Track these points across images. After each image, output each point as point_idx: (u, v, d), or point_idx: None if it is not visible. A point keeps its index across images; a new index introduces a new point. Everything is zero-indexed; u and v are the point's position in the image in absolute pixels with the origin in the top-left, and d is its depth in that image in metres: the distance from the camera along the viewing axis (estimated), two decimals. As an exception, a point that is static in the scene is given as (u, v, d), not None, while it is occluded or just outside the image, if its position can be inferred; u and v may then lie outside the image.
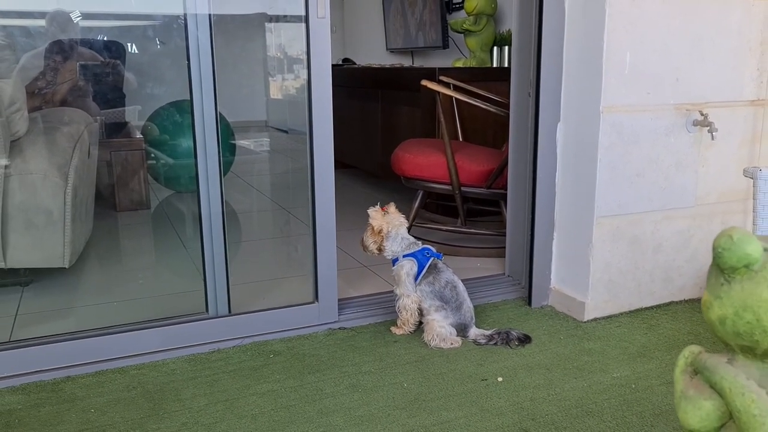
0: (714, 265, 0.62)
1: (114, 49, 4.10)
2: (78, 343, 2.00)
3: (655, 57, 2.24)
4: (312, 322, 2.26)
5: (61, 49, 3.73)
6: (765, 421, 0.56)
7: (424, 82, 2.97)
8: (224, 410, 1.77)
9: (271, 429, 1.67)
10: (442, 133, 2.99)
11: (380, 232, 2.19)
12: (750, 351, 0.60)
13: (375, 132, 4.29)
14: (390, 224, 2.20)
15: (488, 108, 2.94)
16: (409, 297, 2.18)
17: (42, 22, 3.74)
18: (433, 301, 2.17)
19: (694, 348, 0.67)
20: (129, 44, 4.34)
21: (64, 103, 3.63)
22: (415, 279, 2.19)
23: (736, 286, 0.59)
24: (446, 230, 3.20)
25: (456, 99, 3.26)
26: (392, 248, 2.21)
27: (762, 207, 1.52)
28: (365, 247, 2.24)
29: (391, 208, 2.23)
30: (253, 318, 2.20)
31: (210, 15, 2.03)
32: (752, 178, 1.53)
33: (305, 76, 2.15)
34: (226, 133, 3.85)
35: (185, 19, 2.03)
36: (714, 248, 0.59)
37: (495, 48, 4.04)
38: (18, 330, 2.21)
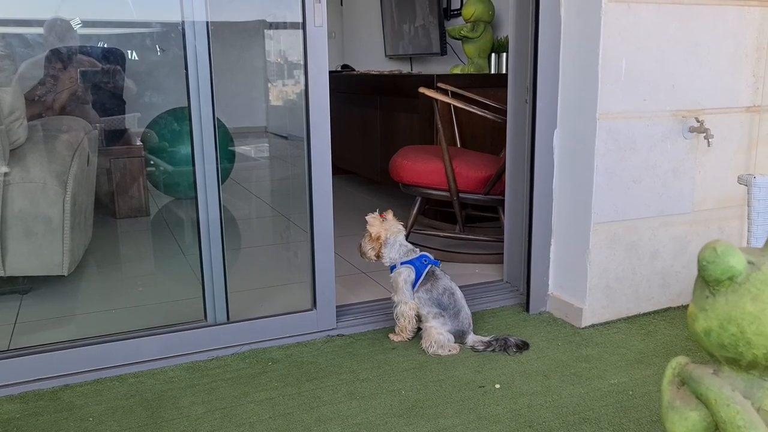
0: (699, 277, 0.62)
1: (114, 57, 4.12)
2: (76, 351, 2.01)
3: (650, 64, 2.25)
4: (310, 329, 2.27)
5: (60, 57, 3.74)
6: (749, 431, 0.57)
7: (421, 90, 2.98)
8: (222, 418, 1.77)
9: (269, 437, 1.68)
10: (440, 139, 3.00)
11: (378, 238, 2.19)
12: (735, 362, 0.61)
13: (374, 138, 4.30)
14: (388, 231, 2.21)
15: (486, 115, 2.95)
16: (407, 304, 2.19)
17: (41, 30, 3.76)
18: (431, 308, 2.17)
19: (681, 359, 0.68)
20: (129, 52, 4.36)
21: (63, 110, 3.64)
22: (413, 286, 2.19)
23: (720, 298, 0.60)
24: (444, 236, 3.21)
25: (454, 105, 3.27)
26: (390, 255, 2.22)
27: (756, 214, 1.52)
28: (363, 254, 2.24)
29: (389, 215, 2.24)
30: (251, 325, 2.20)
31: (207, 23, 2.04)
32: (746, 185, 1.53)
33: (304, 83, 2.16)
34: (225, 140, 3.86)
35: (183, 27, 2.04)
36: (699, 261, 0.60)
37: (493, 54, 4.06)
38: (17, 338, 2.21)
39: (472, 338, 2.19)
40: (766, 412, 0.59)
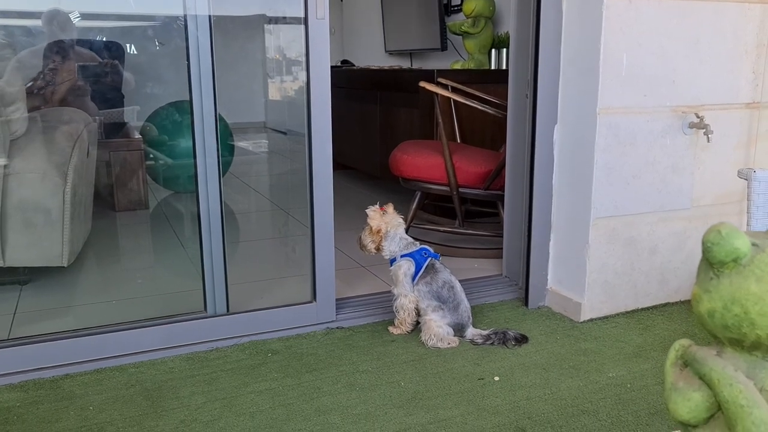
0: (703, 259, 0.63)
1: (113, 50, 4.11)
2: (77, 341, 2.01)
3: (651, 59, 2.25)
4: (310, 321, 2.27)
5: (59, 49, 3.74)
6: (752, 411, 0.58)
7: (422, 84, 2.98)
8: (222, 408, 1.77)
9: (269, 427, 1.68)
10: (440, 134, 3.01)
11: (379, 231, 2.20)
12: (738, 343, 0.62)
13: (373, 133, 4.30)
14: (388, 224, 2.21)
15: (486, 110, 2.96)
16: (407, 297, 2.20)
17: (40, 22, 3.76)
18: (430, 301, 2.18)
19: (684, 341, 0.69)
20: (128, 45, 4.35)
21: (63, 102, 3.64)
22: (413, 279, 2.20)
23: (724, 280, 0.60)
24: (444, 231, 3.22)
25: (454, 101, 3.27)
26: (390, 248, 2.22)
27: (756, 208, 1.53)
28: (363, 246, 2.25)
29: (390, 208, 2.24)
30: (251, 317, 2.21)
31: (210, 16, 2.05)
32: (746, 179, 1.54)
33: (304, 78, 2.16)
34: (224, 134, 3.85)
35: (185, 20, 2.04)
36: (703, 243, 0.61)
37: (493, 50, 4.06)
38: (16, 328, 2.21)
39: (471, 331, 2.19)
40: (769, 392, 0.60)
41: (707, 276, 0.62)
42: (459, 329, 2.19)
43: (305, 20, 2.10)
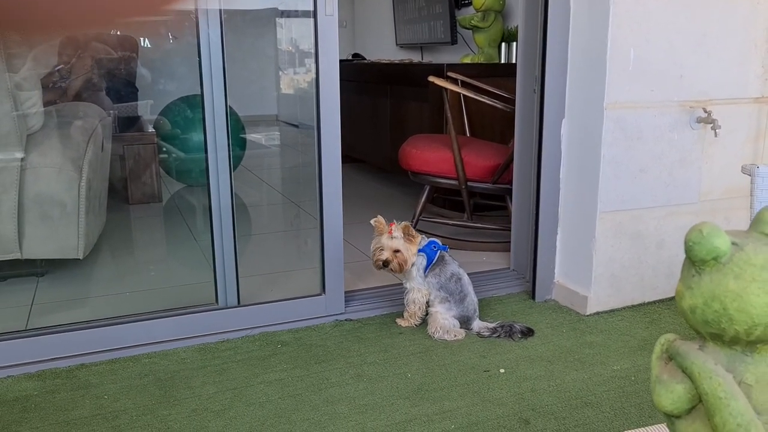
0: (686, 258, 0.66)
1: (127, 44, 4.16)
2: (92, 332, 2.06)
3: (659, 54, 2.26)
4: (319, 313, 2.31)
5: (74, 44, 3.79)
6: (729, 402, 0.60)
7: (431, 79, 3.00)
8: (233, 398, 1.82)
9: (278, 416, 1.73)
10: (450, 128, 3.03)
11: (404, 263, 2.19)
12: (718, 338, 0.64)
13: (383, 127, 4.33)
14: (410, 251, 2.20)
15: (495, 104, 2.97)
16: (420, 291, 2.22)
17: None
18: (438, 292, 2.21)
19: (670, 336, 0.71)
20: (141, 39, 4.40)
21: (77, 97, 3.70)
22: (424, 271, 2.23)
23: (705, 277, 0.63)
24: (453, 225, 3.24)
25: (463, 95, 3.29)
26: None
27: (759, 204, 1.54)
28: (400, 268, 2.21)
29: (398, 230, 2.20)
30: (261, 309, 2.25)
31: (221, 10, 2.08)
32: (750, 175, 1.55)
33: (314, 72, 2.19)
34: (236, 128, 3.90)
35: (196, 15, 2.07)
36: (685, 242, 0.64)
37: (503, 44, 4.06)
38: (34, 319, 2.27)
39: (477, 324, 2.22)
40: (747, 385, 0.63)
41: (689, 273, 0.65)
42: (465, 322, 2.22)
43: (314, 16, 2.12)
